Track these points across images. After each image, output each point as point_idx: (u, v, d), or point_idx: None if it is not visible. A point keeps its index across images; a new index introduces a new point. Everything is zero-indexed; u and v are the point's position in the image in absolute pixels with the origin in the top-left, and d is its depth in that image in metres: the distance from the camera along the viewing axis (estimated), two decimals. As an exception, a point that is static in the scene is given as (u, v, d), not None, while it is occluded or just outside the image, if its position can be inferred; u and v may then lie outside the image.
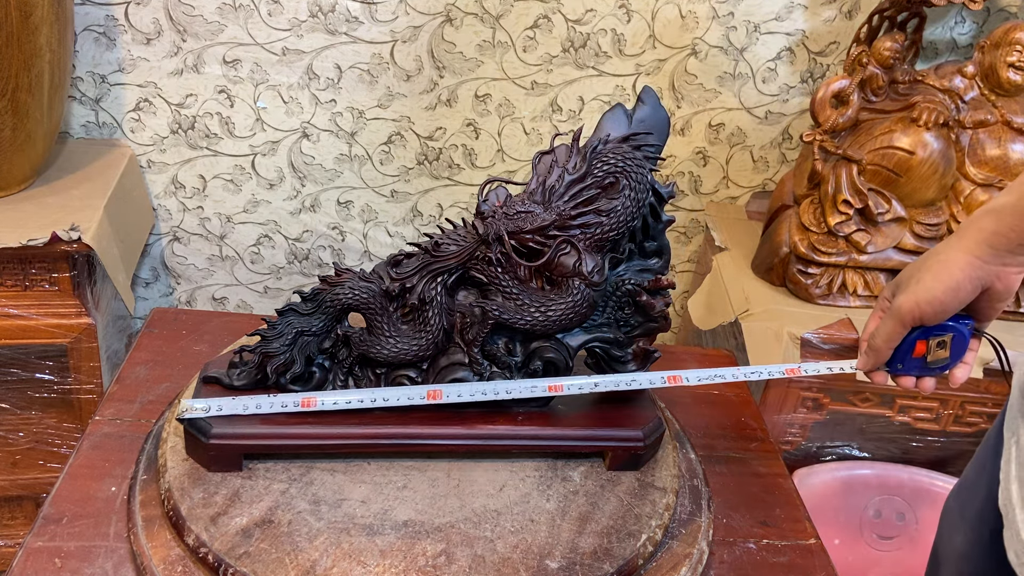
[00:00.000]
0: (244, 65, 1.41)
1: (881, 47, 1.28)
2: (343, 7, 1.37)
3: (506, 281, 0.74)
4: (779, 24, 1.46)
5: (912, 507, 1.34)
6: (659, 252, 0.79)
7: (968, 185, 1.30)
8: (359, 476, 0.74)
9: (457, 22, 1.41)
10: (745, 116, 1.54)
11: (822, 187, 1.30)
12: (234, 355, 0.77)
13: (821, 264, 1.30)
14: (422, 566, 0.66)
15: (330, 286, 0.74)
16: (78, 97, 1.42)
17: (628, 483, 0.77)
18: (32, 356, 1.26)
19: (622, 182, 0.73)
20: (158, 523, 0.70)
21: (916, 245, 1.29)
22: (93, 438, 0.81)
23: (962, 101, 1.31)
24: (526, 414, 0.78)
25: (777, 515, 0.84)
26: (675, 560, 0.73)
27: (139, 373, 0.91)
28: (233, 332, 0.98)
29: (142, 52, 1.39)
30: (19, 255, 1.16)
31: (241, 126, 1.47)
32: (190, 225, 1.57)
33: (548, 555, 0.69)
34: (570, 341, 0.77)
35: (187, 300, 1.66)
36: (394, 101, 1.47)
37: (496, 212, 0.72)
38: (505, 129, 1.52)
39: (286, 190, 1.55)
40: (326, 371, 0.77)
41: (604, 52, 1.45)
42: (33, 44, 1.12)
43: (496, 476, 0.76)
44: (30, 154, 1.23)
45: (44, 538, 0.70)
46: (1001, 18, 1.48)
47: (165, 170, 1.50)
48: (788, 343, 1.22)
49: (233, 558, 0.65)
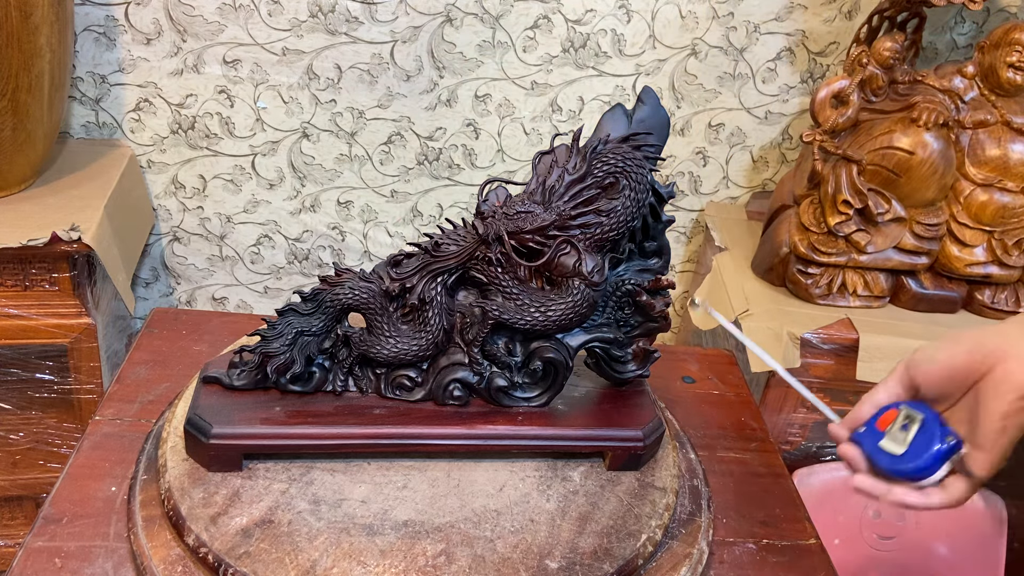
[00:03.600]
0: (244, 65, 1.41)
1: (881, 47, 1.28)
2: (343, 7, 1.37)
3: (506, 281, 0.73)
4: (779, 24, 1.46)
5: (912, 507, 1.33)
6: (659, 252, 0.79)
7: (968, 185, 1.30)
8: (359, 476, 0.74)
9: (457, 22, 1.41)
10: (745, 116, 1.54)
11: (822, 187, 1.30)
12: (234, 355, 0.77)
13: (821, 264, 1.30)
14: (422, 566, 0.66)
15: (330, 286, 0.74)
16: (78, 97, 1.42)
17: (628, 483, 0.77)
18: (32, 356, 1.26)
19: (622, 182, 0.73)
20: (158, 523, 0.70)
21: (916, 245, 1.30)
22: (93, 438, 0.81)
23: (962, 101, 1.31)
24: (526, 414, 0.78)
25: (777, 515, 0.84)
26: (675, 560, 0.73)
27: (139, 373, 0.91)
28: (233, 332, 0.98)
29: (142, 52, 1.39)
30: (19, 255, 1.16)
31: (241, 126, 1.47)
32: (190, 225, 1.57)
33: (548, 555, 0.69)
34: (570, 341, 0.77)
35: (187, 300, 1.66)
36: (394, 101, 1.47)
37: (496, 212, 0.72)
38: (505, 129, 1.52)
39: (286, 190, 1.55)
40: (326, 371, 0.77)
41: (604, 52, 1.45)
42: (33, 44, 1.12)
43: (496, 476, 0.76)
44: (30, 154, 1.23)
45: (44, 538, 0.70)
46: (1001, 18, 1.48)
47: (165, 170, 1.50)
48: (788, 343, 1.23)
49: (233, 558, 0.65)
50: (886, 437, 0.62)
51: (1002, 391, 0.59)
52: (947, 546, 1.28)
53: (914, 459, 0.60)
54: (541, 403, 0.78)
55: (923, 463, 0.60)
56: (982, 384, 0.60)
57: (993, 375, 0.60)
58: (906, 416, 0.62)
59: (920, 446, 0.60)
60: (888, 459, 0.61)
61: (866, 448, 0.63)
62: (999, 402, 0.59)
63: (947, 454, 0.60)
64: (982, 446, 0.60)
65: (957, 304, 1.34)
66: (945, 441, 0.60)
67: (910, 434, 0.61)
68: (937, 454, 0.60)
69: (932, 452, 0.60)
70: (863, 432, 0.64)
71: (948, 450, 0.60)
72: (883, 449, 0.62)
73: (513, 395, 0.77)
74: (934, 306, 1.33)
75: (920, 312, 1.33)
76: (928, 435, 0.60)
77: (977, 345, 0.61)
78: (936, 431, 0.60)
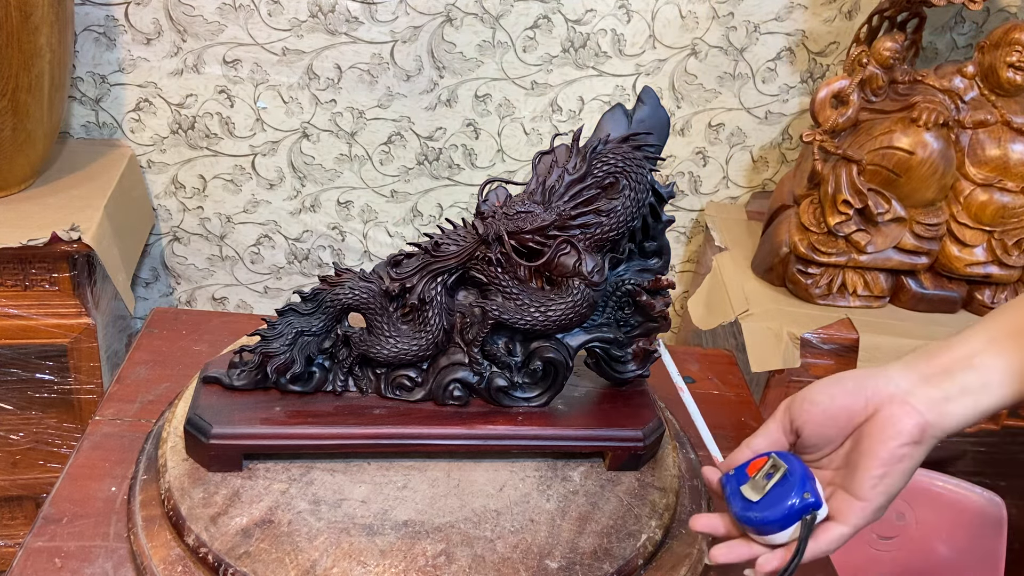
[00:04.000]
0: (244, 65, 1.41)
1: (881, 47, 1.28)
2: (343, 7, 1.37)
3: (506, 281, 0.73)
4: (779, 24, 1.46)
5: (912, 507, 1.33)
6: (659, 252, 0.79)
7: (968, 185, 1.30)
8: (359, 476, 0.74)
9: (457, 22, 1.41)
10: (745, 116, 1.54)
11: (822, 187, 1.30)
12: (234, 355, 0.77)
13: (821, 264, 1.30)
14: (422, 566, 0.66)
15: (330, 286, 0.74)
16: (78, 97, 1.42)
17: (628, 483, 0.77)
18: (32, 356, 1.26)
19: (622, 182, 0.73)
20: (158, 523, 0.70)
21: (916, 245, 1.30)
22: (93, 438, 0.81)
23: (962, 101, 1.31)
24: (526, 414, 0.78)
25: (777, 515, 0.84)
26: (675, 560, 0.73)
27: (139, 373, 0.91)
28: (233, 332, 0.98)
29: (142, 52, 1.39)
30: (19, 255, 1.16)
31: (241, 126, 1.47)
32: (190, 225, 1.57)
33: (548, 555, 0.69)
34: (570, 341, 0.77)
35: (187, 300, 1.66)
36: (394, 101, 1.47)
37: (496, 212, 0.72)
38: (505, 129, 1.52)
39: (286, 190, 1.55)
40: (326, 371, 0.77)
41: (604, 52, 1.45)
42: (33, 44, 1.12)
43: (496, 476, 0.76)
44: (30, 154, 1.23)
45: (44, 538, 0.70)
46: (1001, 18, 1.48)
47: (165, 170, 1.50)
48: (788, 343, 1.23)
49: (233, 558, 0.65)
50: (748, 483, 0.59)
51: (885, 436, 0.55)
52: (947, 546, 1.28)
53: (765, 509, 0.57)
54: (541, 403, 0.78)
55: (771, 515, 0.57)
56: (864, 428, 0.57)
57: (876, 419, 0.56)
58: (772, 465, 0.59)
59: (776, 497, 0.57)
60: (741, 504, 0.59)
61: (728, 491, 0.61)
62: (881, 447, 0.55)
63: (799, 512, 0.56)
64: (858, 493, 0.56)
65: (957, 304, 1.34)
66: (802, 498, 0.56)
67: (771, 483, 0.58)
68: (789, 509, 0.56)
69: (785, 506, 0.56)
70: (731, 475, 0.61)
71: (801, 508, 0.56)
72: (741, 494, 0.59)
73: (513, 395, 0.77)
74: (934, 306, 1.33)
75: (920, 312, 1.33)
76: (787, 488, 0.57)
77: (859, 387, 0.58)
78: (796, 485, 0.57)
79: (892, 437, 0.55)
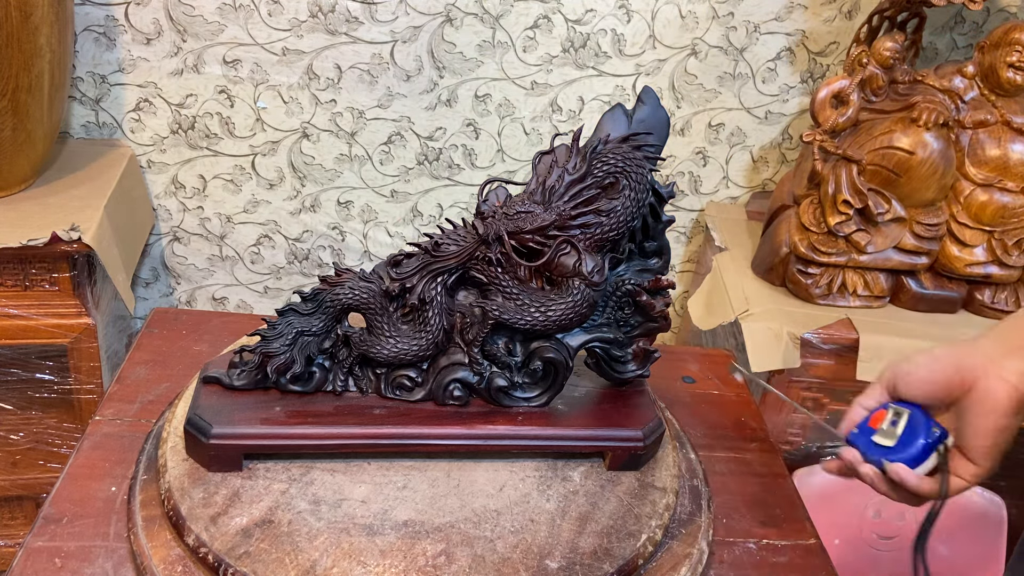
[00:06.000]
0: (244, 65, 1.41)
1: (881, 47, 1.28)
2: (343, 7, 1.37)
3: (506, 281, 0.73)
4: (779, 24, 1.46)
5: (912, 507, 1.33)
6: (659, 252, 0.79)
7: (968, 185, 1.30)
8: (359, 476, 0.74)
9: (457, 22, 1.41)
10: (745, 116, 1.54)
11: (822, 187, 1.30)
12: (234, 355, 0.77)
13: (821, 264, 1.30)
14: (422, 566, 0.66)
15: (330, 286, 0.74)
16: (78, 97, 1.42)
17: (628, 483, 0.77)
18: (32, 356, 1.26)
19: (622, 182, 0.73)
20: (158, 523, 0.70)
21: (916, 245, 1.30)
22: (93, 438, 0.81)
23: (962, 101, 1.31)
24: (526, 414, 0.78)
25: (777, 515, 0.84)
26: (675, 560, 0.73)
27: (139, 373, 0.91)
28: (233, 332, 0.98)
29: (142, 52, 1.39)
30: (19, 255, 1.16)
31: (241, 126, 1.47)
32: (190, 225, 1.57)
33: (548, 555, 0.69)
34: (570, 341, 0.77)
35: (187, 300, 1.66)
36: (394, 101, 1.47)
37: (496, 212, 0.72)
38: (505, 129, 1.52)
39: (286, 190, 1.55)
40: (326, 371, 0.77)
41: (604, 52, 1.45)
42: (33, 44, 1.12)
43: (496, 476, 0.76)
44: (30, 154, 1.23)
45: (44, 538, 0.70)
46: (1001, 18, 1.48)
47: (165, 170, 1.50)
48: (788, 343, 1.23)
49: (233, 558, 0.65)
50: (877, 433, 0.66)
51: (986, 410, 0.61)
52: (947, 546, 1.28)
53: (904, 449, 0.64)
54: (541, 403, 0.78)
55: (911, 453, 0.64)
56: (965, 402, 0.63)
57: (975, 394, 0.62)
58: (895, 412, 0.66)
59: (909, 438, 0.64)
60: (881, 452, 0.65)
61: (861, 446, 0.67)
62: (985, 420, 0.62)
63: (934, 444, 0.64)
64: (974, 460, 0.63)
65: (957, 304, 1.34)
66: (930, 432, 0.64)
67: (899, 428, 0.65)
68: (925, 444, 0.64)
69: (919, 443, 0.64)
70: (856, 433, 0.68)
71: (935, 440, 0.64)
72: (876, 443, 0.66)
73: (513, 395, 0.77)
74: (934, 306, 1.33)
75: (920, 312, 1.33)
76: (915, 428, 0.64)
77: (955, 365, 0.63)
78: (922, 424, 0.64)
79: (991, 411, 0.61)
